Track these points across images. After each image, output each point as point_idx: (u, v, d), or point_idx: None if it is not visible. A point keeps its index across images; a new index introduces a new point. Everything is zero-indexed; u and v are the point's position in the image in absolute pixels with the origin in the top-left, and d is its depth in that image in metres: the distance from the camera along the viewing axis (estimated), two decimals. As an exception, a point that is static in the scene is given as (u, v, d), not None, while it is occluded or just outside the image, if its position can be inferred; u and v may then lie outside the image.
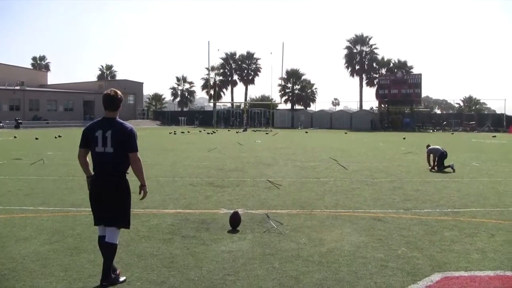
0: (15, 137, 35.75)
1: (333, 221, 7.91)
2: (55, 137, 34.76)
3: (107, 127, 5.05)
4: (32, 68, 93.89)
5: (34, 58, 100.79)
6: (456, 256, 6.05)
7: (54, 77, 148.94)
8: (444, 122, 62.50)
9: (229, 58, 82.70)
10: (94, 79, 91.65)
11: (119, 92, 5.19)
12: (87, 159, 5.21)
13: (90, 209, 5.25)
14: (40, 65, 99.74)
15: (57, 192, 10.64)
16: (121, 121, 5.20)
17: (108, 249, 5.07)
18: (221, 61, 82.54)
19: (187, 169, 15.48)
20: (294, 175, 14.03)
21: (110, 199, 5.04)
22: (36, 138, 33.11)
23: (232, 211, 7.64)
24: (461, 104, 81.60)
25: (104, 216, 5.11)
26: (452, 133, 51.78)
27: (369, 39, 74.86)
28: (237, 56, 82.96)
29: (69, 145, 27.49)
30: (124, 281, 5.06)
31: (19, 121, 58.29)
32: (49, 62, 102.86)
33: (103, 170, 5.06)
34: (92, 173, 5.16)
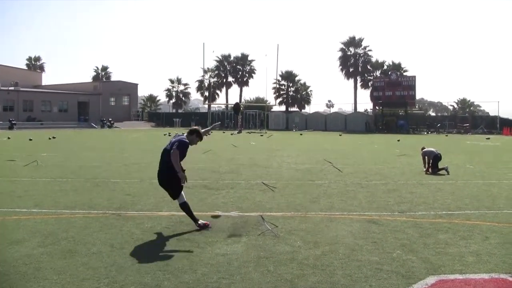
0: (8, 138, 35.59)
1: (328, 224, 7.90)
2: (49, 138, 34.64)
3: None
4: (26, 68, 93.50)
5: (29, 59, 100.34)
6: (450, 259, 6.04)
7: (49, 78, 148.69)
8: (438, 124, 62.68)
9: (224, 60, 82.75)
10: (89, 80, 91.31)
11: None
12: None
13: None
14: (35, 65, 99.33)
15: (51, 194, 10.59)
16: None
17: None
18: (216, 63, 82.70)
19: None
20: (289, 177, 14.02)
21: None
22: (30, 139, 32.99)
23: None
24: (455, 106, 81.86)
25: None
26: (446, 135, 51.93)
27: (363, 41, 75.15)
28: (231, 58, 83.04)
29: (63, 146, 27.43)
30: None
31: (13, 122, 58.13)
32: (44, 63, 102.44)
33: None
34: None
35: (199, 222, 7.51)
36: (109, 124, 69.13)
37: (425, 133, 58.96)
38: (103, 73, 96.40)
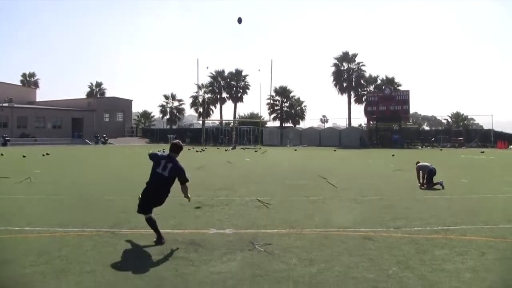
0: (2, 154, 35.42)
1: (324, 241, 7.86)
2: (43, 155, 34.50)
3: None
4: (21, 84, 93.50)
5: (23, 75, 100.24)
6: (447, 275, 6.01)
7: (43, 94, 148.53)
8: (433, 138, 62.88)
9: (218, 75, 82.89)
10: (83, 96, 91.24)
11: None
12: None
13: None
14: (30, 81, 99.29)
15: (44, 212, 10.50)
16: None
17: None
18: (210, 78, 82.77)
19: (176, 187, 15.36)
20: (284, 193, 13.97)
21: None
22: (24, 156, 32.82)
23: None
24: (449, 119, 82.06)
25: None
26: (441, 149, 52.06)
27: (356, 56, 75.47)
28: (225, 74, 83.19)
29: (57, 163, 27.31)
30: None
31: (7, 138, 57.87)
32: (38, 79, 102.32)
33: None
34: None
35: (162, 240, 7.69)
36: (103, 141, 69.00)
37: (420, 147, 59.11)
38: (97, 89, 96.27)
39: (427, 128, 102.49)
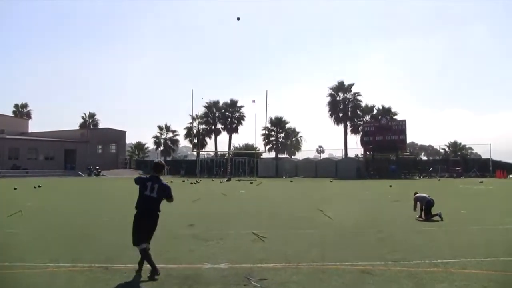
0: (-8, 188, 35.22)
1: (321, 275, 7.79)
2: (35, 187, 34.31)
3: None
4: (13, 115, 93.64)
5: (16, 106, 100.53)
6: (447, 310, 5.95)
7: (36, 125, 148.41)
8: (430, 168, 62.95)
9: (213, 106, 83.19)
10: (76, 127, 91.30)
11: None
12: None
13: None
14: (22, 112, 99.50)
15: (35, 246, 10.40)
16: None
17: None
18: (205, 109, 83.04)
19: (170, 220, 15.28)
20: (280, 226, 13.90)
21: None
22: (15, 188, 32.63)
23: None
24: (447, 149, 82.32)
25: None
26: (439, 180, 52.07)
27: (352, 86, 75.75)
28: (220, 104, 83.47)
29: (49, 195, 27.16)
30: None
31: (-2, 170, 57.68)
32: (31, 110, 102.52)
33: None
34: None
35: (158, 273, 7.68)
36: (96, 172, 68.82)
37: (417, 177, 59.16)
38: (90, 120, 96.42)
39: (424, 158, 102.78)
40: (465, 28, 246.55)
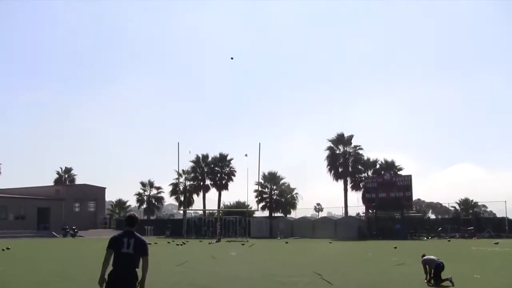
0: (-44, 251, 34.76)
1: None
2: (3, 250, 33.91)
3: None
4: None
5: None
6: None
7: (5, 181, 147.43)
8: (439, 228, 62.55)
9: (201, 160, 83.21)
10: (51, 183, 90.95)
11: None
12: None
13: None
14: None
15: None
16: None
17: None
18: (192, 164, 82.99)
19: (154, 287, 15.10)
20: (274, 292, 13.77)
21: None
22: (-19, 252, 32.25)
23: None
24: (457, 207, 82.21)
25: None
26: (449, 240, 51.83)
27: (353, 138, 76.06)
28: (209, 159, 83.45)
29: (19, 258, 26.82)
30: None
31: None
32: (0, 164, 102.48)
33: None
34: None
35: None
36: (72, 233, 68.03)
37: (425, 238, 58.79)
38: (66, 176, 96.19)
39: (432, 216, 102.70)
40: (474, 76, 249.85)
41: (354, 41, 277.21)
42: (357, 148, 75.95)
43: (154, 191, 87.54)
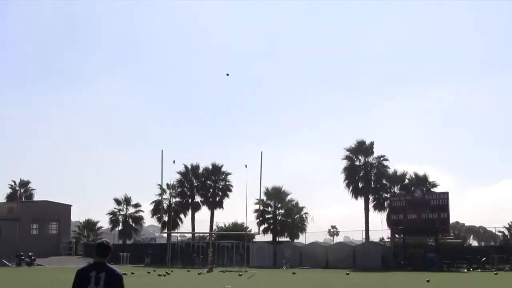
0: None
1: None
2: None
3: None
4: None
5: None
6: None
7: None
8: (484, 258, 62.27)
9: (190, 173, 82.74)
10: (2, 199, 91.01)
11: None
12: None
13: None
14: None
15: None
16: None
17: None
18: (179, 176, 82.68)
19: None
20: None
21: None
22: None
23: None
24: (506, 232, 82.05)
25: None
26: (496, 273, 51.55)
27: (373, 145, 75.33)
28: (200, 171, 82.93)
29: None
30: None
31: None
32: None
33: None
34: None
35: None
36: (28, 261, 67.84)
37: (465, 270, 58.58)
38: (22, 190, 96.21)
39: (474, 243, 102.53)
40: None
41: (377, 35, 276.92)
42: (381, 158, 75.48)
43: (131, 210, 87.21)
